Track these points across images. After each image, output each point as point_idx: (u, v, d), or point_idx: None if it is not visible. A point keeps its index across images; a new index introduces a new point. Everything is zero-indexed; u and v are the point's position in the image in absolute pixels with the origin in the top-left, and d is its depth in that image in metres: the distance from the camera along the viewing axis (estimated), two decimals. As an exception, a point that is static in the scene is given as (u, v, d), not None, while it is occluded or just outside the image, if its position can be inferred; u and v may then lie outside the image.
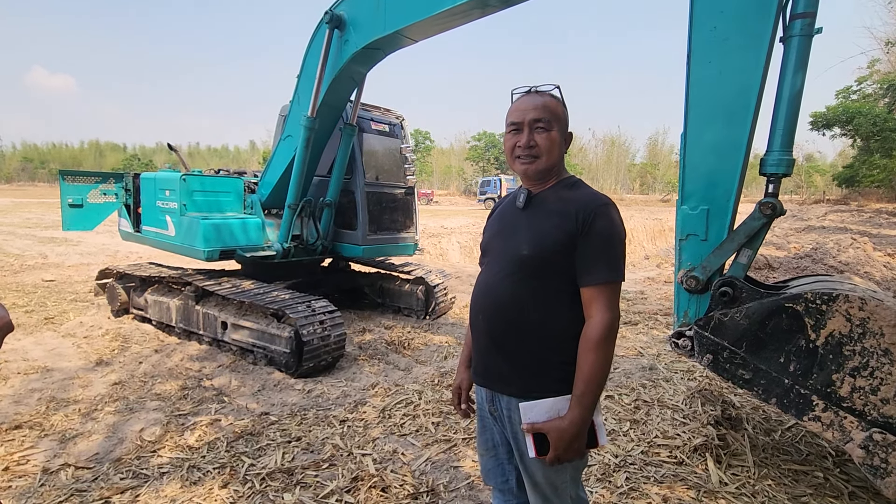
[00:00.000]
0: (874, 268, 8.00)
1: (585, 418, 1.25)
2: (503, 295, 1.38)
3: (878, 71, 25.20)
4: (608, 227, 1.29)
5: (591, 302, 1.28)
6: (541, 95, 1.40)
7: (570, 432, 1.24)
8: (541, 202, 1.40)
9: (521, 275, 1.35)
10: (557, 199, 1.37)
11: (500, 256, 1.43)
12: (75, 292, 6.78)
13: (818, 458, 2.59)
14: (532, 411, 1.29)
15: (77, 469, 2.60)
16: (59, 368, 4.02)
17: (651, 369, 3.97)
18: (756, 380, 2.10)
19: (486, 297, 1.43)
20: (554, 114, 1.37)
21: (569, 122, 1.44)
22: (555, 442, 1.25)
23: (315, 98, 4.26)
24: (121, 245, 10.56)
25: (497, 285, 1.40)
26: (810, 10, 2.03)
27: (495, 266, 1.43)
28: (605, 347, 1.25)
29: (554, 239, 1.31)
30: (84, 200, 5.47)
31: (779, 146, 2.11)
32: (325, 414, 3.25)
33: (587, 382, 1.24)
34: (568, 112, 1.43)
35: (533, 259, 1.33)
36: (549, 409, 1.29)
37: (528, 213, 1.41)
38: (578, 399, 1.25)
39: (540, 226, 1.35)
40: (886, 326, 1.87)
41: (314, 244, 5.12)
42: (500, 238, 1.46)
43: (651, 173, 65.41)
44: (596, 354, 1.24)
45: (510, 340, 1.37)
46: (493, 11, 3.19)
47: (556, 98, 1.41)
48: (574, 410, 1.25)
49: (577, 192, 1.37)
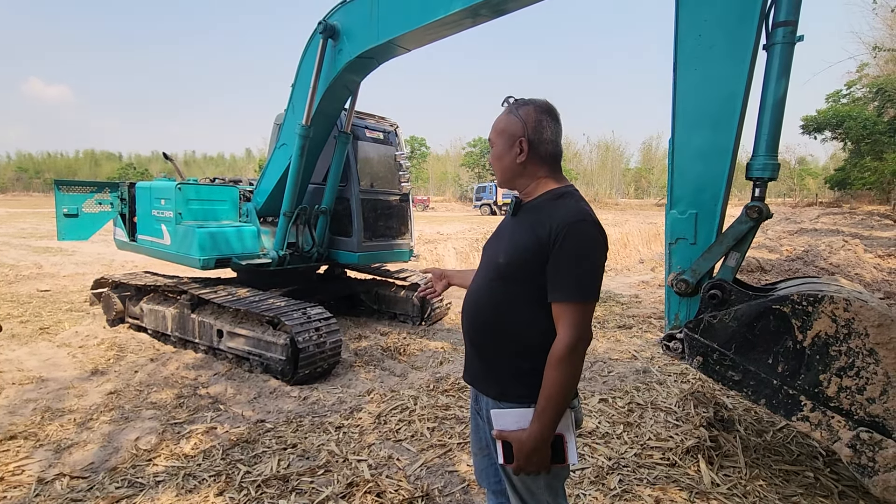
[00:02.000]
0: (864, 269, 8.09)
1: (544, 434, 1.25)
2: (481, 299, 1.43)
3: (867, 75, 25.54)
4: (579, 244, 1.27)
5: (557, 318, 1.28)
6: (500, 114, 1.46)
7: (528, 446, 1.25)
8: (528, 212, 1.42)
9: (497, 281, 1.39)
10: (541, 211, 1.37)
11: (484, 262, 1.50)
12: (70, 302, 6.76)
13: (808, 458, 2.62)
14: (502, 419, 1.32)
15: (72, 479, 2.59)
16: (54, 378, 4.01)
17: (645, 372, 4.00)
18: (745, 381, 2.13)
19: (468, 300, 1.49)
20: (497, 130, 1.44)
21: (521, 128, 1.38)
22: (516, 453, 1.28)
23: (309, 107, 4.30)
24: (116, 254, 10.54)
25: (477, 290, 1.46)
26: (792, 19, 2.09)
27: (480, 271, 1.50)
28: (566, 365, 1.24)
29: (525, 248, 1.33)
30: (79, 210, 5.48)
31: (764, 151, 2.16)
32: (321, 420, 3.25)
33: (547, 399, 1.24)
34: (519, 119, 1.39)
35: (507, 267, 1.36)
36: (517, 419, 1.30)
37: (515, 222, 1.44)
38: (538, 414, 1.25)
39: (518, 235, 1.38)
40: (871, 327, 1.91)
41: (310, 252, 5.14)
42: (489, 244, 1.52)
43: (646, 178, 65.83)
44: (557, 371, 1.24)
45: (486, 344, 1.42)
46: (483, 21, 3.24)
47: (507, 113, 1.43)
48: (533, 424, 1.26)
49: (558, 206, 1.35)
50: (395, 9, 3.51)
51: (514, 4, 3.01)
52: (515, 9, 3.06)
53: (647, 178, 67.52)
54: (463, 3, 3.02)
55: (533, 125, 1.39)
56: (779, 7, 2.09)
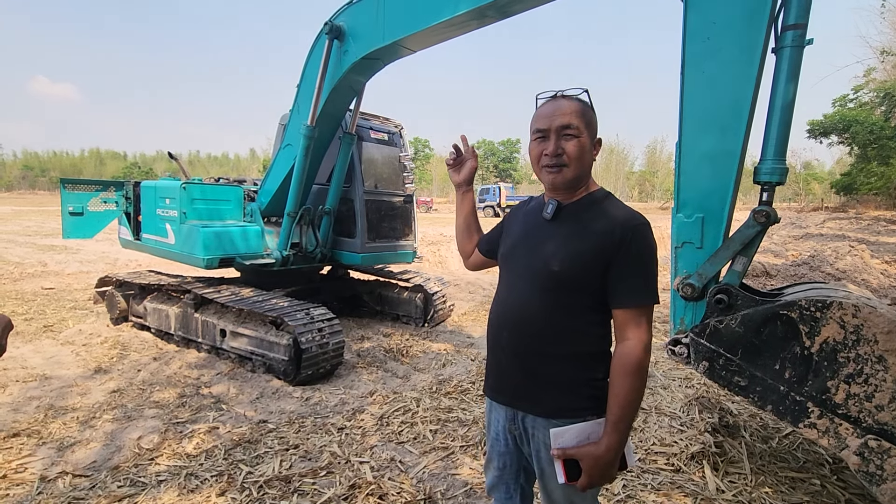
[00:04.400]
0: (871, 275, 8.02)
1: (622, 444, 1.21)
2: (532, 311, 1.31)
3: (874, 80, 25.44)
4: (646, 248, 1.25)
5: (625, 324, 1.24)
6: (568, 100, 1.31)
7: (605, 459, 1.20)
8: (571, 215, 1.33)
9: (550, 291, 1.29)
10: (590, 213, 1.31)
11: (525, 270, 1.36)
12: (74, 300, 6.78)
13: (815, 465, 2.59)
14: (563, 437, 1.25)
15: (74, 477, 2.59)
16: (58, 376, 4.02)
17: (649, 377, 3.98)
18: (752, 387, 2.11)
19: (511, 313, 1.36)
20: (583, 119, 1.29)
21: (598, 127, 1.35)
22: (588, 469, 1.21)
23: (315, 107, 4.30)
24: (120, 253, 10.58)
25: (525, 301, 1.33)
26: (801, 22, 2.07)
27: (521, 280, 1.36)
28: (641, 371, 1.20)
29: (588, 256, 1.25)
30: (84, 208, 5.50)
31: (772, 155, 2.14)
32: (323, 421, 3.25)
33: (623, 407, 1.19)
34: (595, 116, 1.35)
35: (564, 275, 1.26)
36: (579, 433, 1.25)
37: (557, 226, 1.34)
38: (615, 425, 1.20)
39: (572, 241, 1.28)
40: (880, 333, 1.89)
41: (313, 252, 5.14)
42: (523, 249, 1.39)
43: (650, 181, 65.67)
44: (633, 378, 1.20)
45: (538, 358, 1.31)
46: (490, 22, 3.23)
47: (585, 102, 1.33)
48: (611, 436, 1.20)
49: (612, 208, 1.30)
50: (402, 10, 3.51)
51: (521, 6, 3.00)
52: (522, 10, 3.05)
53: (652, 182, 67.36)
54: (469, 4, 3.01)
55: (597, 126, 1.36)
56: (788, 10, 2.07)
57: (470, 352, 4.80)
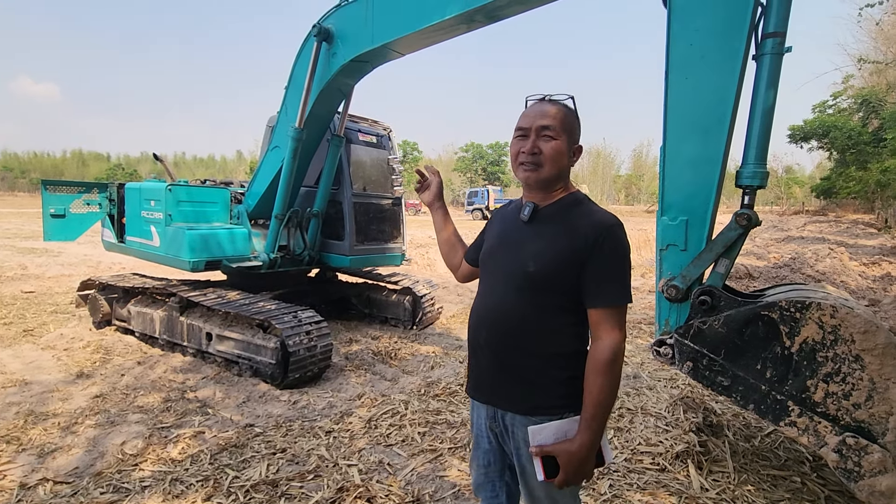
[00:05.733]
0: (850, 277, 8.22)
1: (595, 441, 1.24)
2: (508, 311, 1.34)
3: (852, 86, 26.05)
4: (619, 249, 1.28)
5: (599, 323, 1.27)
6: (553, 104, 1.37)
7: (579, 456, 1.23)
8: (547, 217, 1.37)
9: (526, 291, 1.32)
10: (566, 215, 1.34)
11: (503, 271, 1.39)
12: (56, 304, 6.65)
13: (796, 463, 2.65)
14: (541, 434, 1.27)
15: (56, 484, 2.54)
16: (38, 381, 3.94)
17: (635, 378, 4.03)
18: (734, 386, 2.15)
19: (489, 313, 1.40)
20: (563, 123, 1.33)
21: (580, 134, 1.40)
22: (564, 465, 1.24)
23: (303, 109, 4.29)
24: (103, 256, 10.40)
25: (501, 301, 1.37)
26: (780, 30, 2.13)
27: (498, 281, 1.40)
28: (614, 369, 1.23)
29: (562, 257, 1.28)
30: (66, 210, 5.41)
31: (753, 159, 2.19)
32: (311, 425, 3.23)
33: (597, 405, 1.22)
34: (578, 122, 1.39)
35: (539, 275, 1.30)
36: (556, 431, 1.27)
37: (533, 228, 1.37)
38: (589, 422, 1.23)
39: (548, 243, 1.32)
40: (857, 333, 1.94)
41: (301, 255, 5.12)
42: (501, 251, 1.42)
43: (636, 184, 66.44)
44: (605, 377, 1.23)
45: (516, 357, 1.34)
46: (478, 27, 3.26)
47: (569, 108, 1.39)
48: (584, 434, 1.23)
49: (586, 210, 1.34)
50: (390, 13, 3.52)
51: (509, 11, 3.03)
52: (510, 15, 3.09)
53: (638, 185, 68.16)
54: (458, 8, 3.04)
55: (579, 133, 1.41)
56: (768, 18, 2.13)
57: (458, 354, 4.81)
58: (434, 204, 1.76)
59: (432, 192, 1.76)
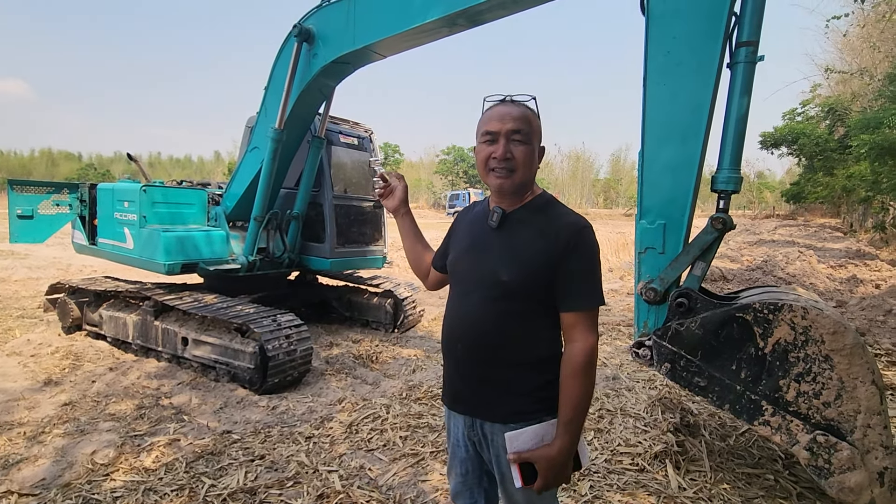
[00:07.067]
0: (818, 279, 8.50)
1: (573, 444, 1.24)
2: (483, 321, 1.32)
3: (820, 95, 26.97)
4: (589, 251, 1.27)
5: (573, 327, 1.27)
6: (517, 106, 1.33)
7: (558, 460, 1.22)
8: (517, 221, 1.34)
9: (501, 300, 1.29)
10: (535, 219, 1.32)
11: (474, 279, 1.36)
12: (22, 308, 6.40)
13: (769, 461, 2.72)
14: (518, 439, 1.26)
15: (21, 496, 2.44)
16: (3, 389, 3.78)
17: (614, 379, 4.08)
18: (711, 387, 2.20)
19: (463, 323, 1.37)
20: (531, 125, 1.31)
21: (541, 134, 1.38)
22: (543, 471, 1.23)
23: (283, 110, 4.23)
24: (73, 258, 10.06)
25: (475, 311, 1.34)
26: (753, 39, 2.19)
27: (470, 290, 1.36)
28: (590, 372, 1.24)
29: (535, 263, 1.26)
30: (35, 211, 5.21)
31: (728, 165, 2.25)
32: (290, 431, 3.18)
33: (574, 408, 1.22)
34: (540, 123, 1.37)
35: (513, 284, 1.27)
36: (534, 435, 1.26)
37: (502, 234, 1.34)
38: (566, 426, 1.23)
39: (519, 249, 1.30)
40: (826, 334, 2.00)
41: (280, 257, 5.04)
42: (471, 258, 1.39)
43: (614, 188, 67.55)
44: (581, 380, 1.23)
45: (492, 367, 1.33)
46: (460, 30, 3.27)
47: (532, 110, 1.36)
48: (563, 437, 1.23)
49: (556, 213, 1.32)
50: (373, 15, 3.50)
51: (491, 15, 3.05)
52: (492, 19, 3.11)
53: (616, 189, 69.34)
54: (440, 12, 3.04)
55: (542, 134, 1.39)
56: (742, 27, 2.20)
57: (440, 357, 4.79)
58: (399, 210, 1.67)
59: (397, 197, 1.67)
